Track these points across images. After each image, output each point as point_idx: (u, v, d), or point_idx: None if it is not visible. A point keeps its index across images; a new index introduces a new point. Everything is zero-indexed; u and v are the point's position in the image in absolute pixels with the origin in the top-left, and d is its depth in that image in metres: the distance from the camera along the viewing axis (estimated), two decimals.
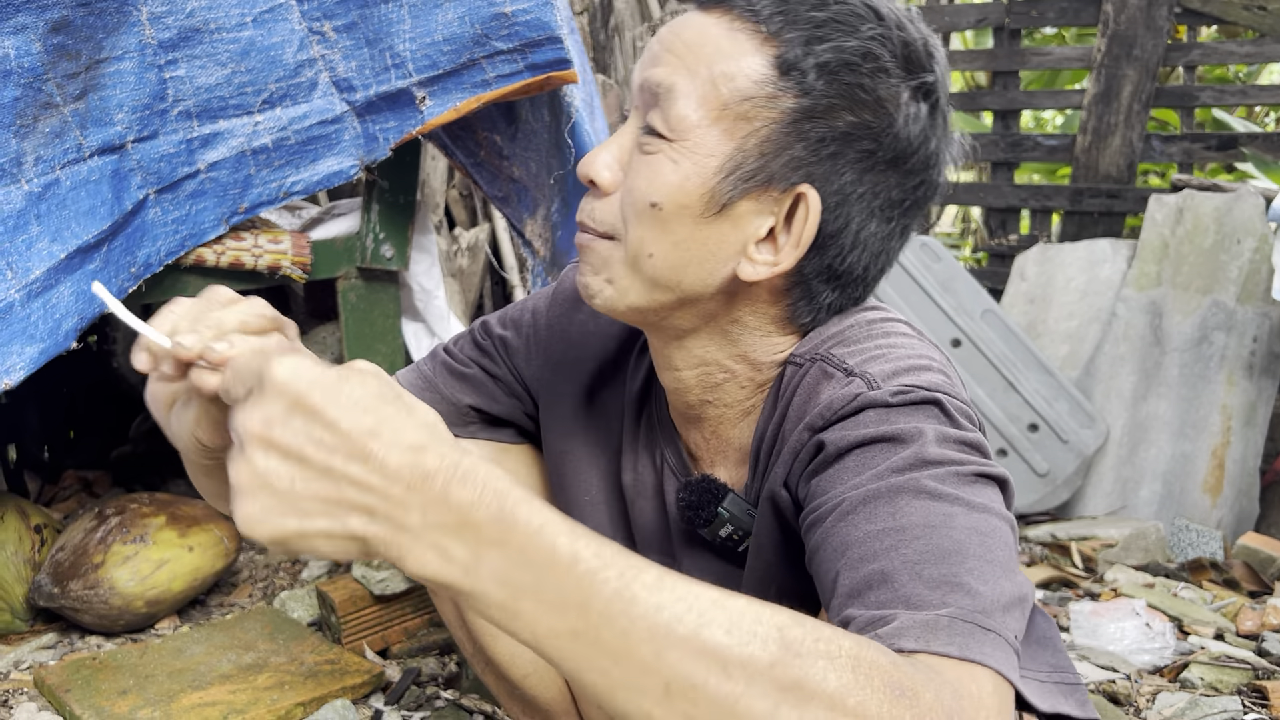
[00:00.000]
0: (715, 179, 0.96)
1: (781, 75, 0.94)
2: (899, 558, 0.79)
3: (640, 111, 1.01)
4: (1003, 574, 0.79)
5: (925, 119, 0.99)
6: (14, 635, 2.01)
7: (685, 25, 0.99)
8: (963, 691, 0.69)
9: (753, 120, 0.95)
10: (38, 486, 2.73)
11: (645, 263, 0.99)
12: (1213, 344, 3.07)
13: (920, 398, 0.91)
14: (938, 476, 0.84)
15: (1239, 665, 1.92)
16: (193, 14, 1.72)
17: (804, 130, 0.95)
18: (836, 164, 0.97)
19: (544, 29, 1.75)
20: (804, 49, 0.94)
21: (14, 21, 1.51)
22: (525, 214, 2.23)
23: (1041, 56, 4.00)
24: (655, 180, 0.97)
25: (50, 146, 1.61)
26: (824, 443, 0.92)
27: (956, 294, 3.23)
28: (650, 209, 0.97)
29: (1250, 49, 3.57)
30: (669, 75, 0.97)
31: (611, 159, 1.01)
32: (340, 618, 1.94)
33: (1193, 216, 3.18)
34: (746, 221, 0.98)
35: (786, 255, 0.98)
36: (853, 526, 0.83)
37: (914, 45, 0.97)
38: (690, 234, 0.97)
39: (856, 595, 0.79)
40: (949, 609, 0.74)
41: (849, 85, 0.95)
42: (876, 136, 0.96)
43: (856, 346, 0.99)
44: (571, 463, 1.30)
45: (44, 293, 1.58)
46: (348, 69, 1.85)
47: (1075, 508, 3.12)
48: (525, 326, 1.31)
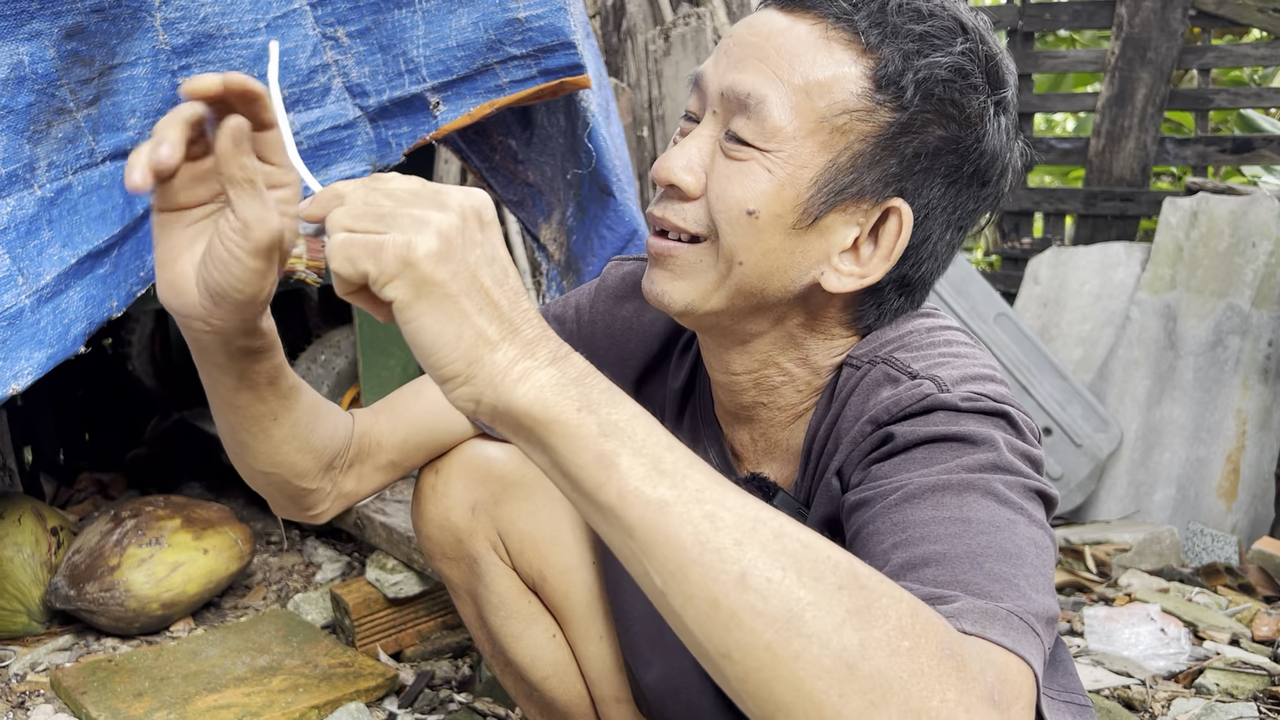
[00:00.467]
0: (809, 191, 0.95)
1: (879, 89, 0.94)
2: (963, 545, 0.80)
3: (721, 117, 0.98)
4: (1048, 589, 0.81)
5: (1005, 132, 1.00)
6: (30, 637, 2.03)
7: (771, 27, 0.97)
8: (1007, 677, 0.70)
9: (848, 134, 0.94)
10: (53, 489, 2.75)
11: (735, 270, 0.98)
12: (1227, 348, 3.05)
13: (989, 408, 0.92)
14: (1008, 484, 0.86)
15: (1255, 671, 1.91)
16: (206, 20, 1.73)
17: (899, 145, 0.95)
18: (928, 178, 0.97)
19: (558, 34, 1.76)
20: (902, 63, 0.93)
21: (28, 28, 1.52)
22: (540, 218, 2.24)
23: (1055, 59, 3.99)
24: (751, 188, 0.95)
25: (63, 152, 1.62)
26: (893, 434, 0.92)
27: (969, 297, 3.23)
28: (746, 216, 0.96)
29: (1265, 51, 3.56)
30: (760, 85, 0.94)
31: (691, 162, 0.99)
32: (354, 621, 1.95)
33: (1207, 220, 3.16)
34: (833, 232, 0.98)
35: (875, 267, 0.99)
36: (916, 509, 0.84)
37: (996, 60, 0.98)
38: (780, 244, 0.97)
39: (912, 569, 0.80)
40: (1007, 603, 0.75)
41: (943, 101, 0.95)
42: (965, 152, 0.97)
43: (920, 352, 1.00)
44: None
45: (54, 298, 1.59)
46: (361, 74, 1.86)
47: (1089, 512, 3.11)
48: (569, 322, 1.32)
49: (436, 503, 1.35)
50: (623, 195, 2.04)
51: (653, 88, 3.42)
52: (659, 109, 3.40)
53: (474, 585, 1.40)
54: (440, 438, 1.32)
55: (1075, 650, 2.10)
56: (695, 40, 3.32)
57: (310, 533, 2.53)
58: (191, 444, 2.94)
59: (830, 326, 1.05)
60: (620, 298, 1.29)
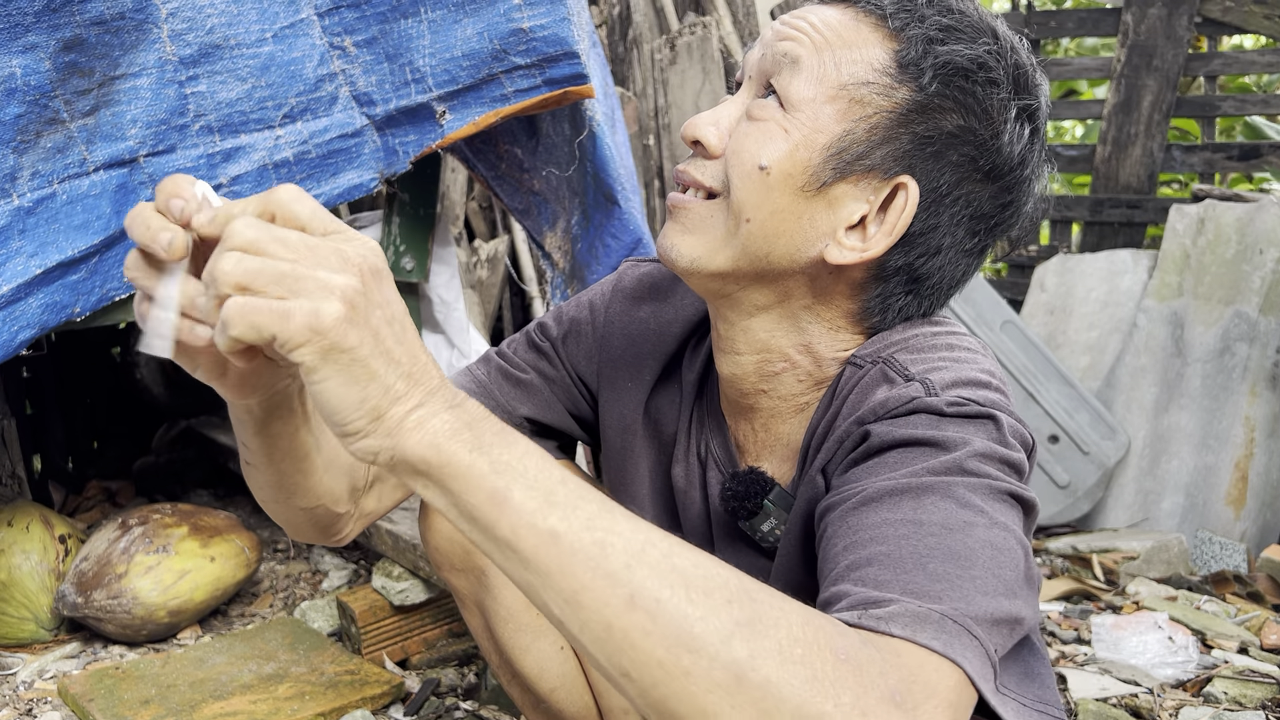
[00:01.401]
0: (821, 155, 0.99)
1: (900, 69, 0.98)
2: (909, 547, 0.81)
3: (755, 82, 1.04)
4: (1004, 591, 0.80)
5: (1026, 141, 1.02)
6: (38, 645, 2.03)
7: (810, 11, 1.03)
8: (919, 678, 0.71)
9: (866, 106, 0.98)
10: (62, 497, 2.76)
11: (742, 227, 1.01)
12: (1235, 355, 3.04)
13: (974, 412, 0.92)
14: (970, 486, 0.86)
15: (1263, 679, 1.90)
16: (213, 30, 1.74)
17: (913, 124, 0.98)
18: (938, 163, 0.99)
19: (561, 44, 1.76)
20: (924, 47, 0.97)
21: (23, 41, 1.53)
22: (545, 226, 2.25)
23: (1061, 67, 3.99)
24: (766, 145, 0.99)
25: (50, 161, 1.62)
26: (869, 433, 0.93)
27: (976, 305, 3.22)
28: (758, 171, 0.99)
29: (1272, 57, 3.55)
30: (795, 48, 1.00)
31: (719, 121, 1.04)
32: (360, 628, 1.95)
33: (1214, 227, 3.16)
34: (842, 204, 1.00)
35: (877, 242, 1.01)
36: (872, 512, 0.85)
37: (1024, 69, 1.01)
38: (789, 205, 1.00)
39: (856, 570, 0.81)
40: (943, 605, 0.76)
41: (961, 90, 0.98)
42: (979, 145, 0.99)
43: (920, 355, 1.01)
44: (631, 459, 1.31)
45: (8, 306, 1.59)
46: (368, 83, 1.87)
47: (1096, 519, 3.10)
48: (584, 323, 1.32)
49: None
50: (627, 204, 2.05)
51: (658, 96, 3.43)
52: (665, 117, 3.41)
53: (482, 597, 1.40)
54: None
55: (1082, 658, 2.09)
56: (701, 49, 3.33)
57: None
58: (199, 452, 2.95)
59: (834, 315, 1.06)
60: (637, 299, 1.30)
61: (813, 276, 1.04)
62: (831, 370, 1.08)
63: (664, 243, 1.07)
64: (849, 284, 1.04)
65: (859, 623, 0.74)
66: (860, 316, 1.06)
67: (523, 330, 1.37)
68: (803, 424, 1.11)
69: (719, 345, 1.14)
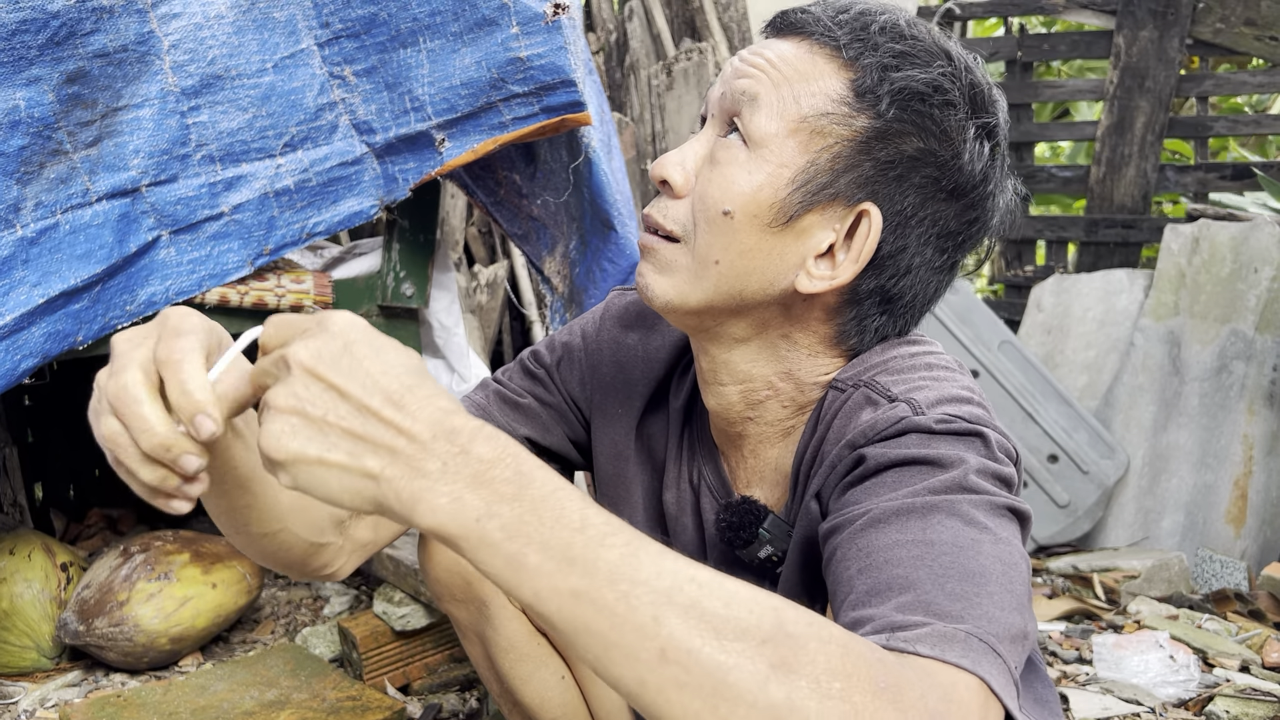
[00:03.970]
0: (787, 190, 1.00)
1: (857, 98, 0.99)
2: (925, 569, 0.81)
3: (719, 120, 1.05)
4: (1016, 606, 0.81)
5: (986, 158, 1.03)
6: (40, 673, 2.03)
7: (765, 46, 1.04)
8: (954, 696, 0.70)
9: (827, 136, 0.99)
10: (64, 524, 2.76)
11: (711, 269, 1.02)
12: (1232, 373, 3.05)
13: (963, 429, 0.93)
14: (973, 503, 0.86)
15: (1265, 698, 1.90)
16: (215, 61, 1.76)
17: (874, 150, 0.99)
18: (901, 186, 1.01)
19: (558, 73, 1.79)
20: (879, 75, 0.98)
21: (27, 74, 1.55)
22: (544, 251, 2.26)
23: (1054, 89, 4.02)
24: (730, 188, 1.00)
25: (54, 191, 1.64)
26: (864, 456, 0.94)
27: (974, 325, 3.24)
28: (722, 216, 1.01)
29: (1263, 79, 3.58)
30: (753, 85, 1.01)
31: (685, 161, 1.05)
32: (362, 654, 1.95)
33: (1209, 246, 3.18)
34: (809, 235, 1.01)
35: (845, 269, 1.02)
36: (881, 534, 0.85)
37: (980, 88, 1.02)
38: (757, 243, 1.01)
39: (876, 595, 0.80)
40: (967, 625, 0.76)
41: (919, 114, 0.99)
42: (941, 165, 1.01)
43: (901, 376, 1.02)
44: (621, 485, 1.32)
45: (11, 336, 1.60)
46: (368, 112, 1.89)
47: (1097, 539, 3.10)
48: (576, 350, 1.33)
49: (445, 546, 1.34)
50: (624, 229, 2.07)
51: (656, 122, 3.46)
52: (662, 142, 3.44)
53: (482, 627, 1.40)
54: None
55: (1084, 678, 2.09)
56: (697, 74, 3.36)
57: None
58: None
59: (812, 340, 1.07)
60: (626, 326, 1.31)
61: (787, 305, 1.05)
62: (814, 394, 1.09)
63: (640, 281, 1.08)
64: (823, 309, 1.05)
65: (888, 645, 0.74)
66: (838, 340, 1.07)
67: (516, 359, 1.38)
68: (790, 448, 1.12)
69: (703, 378, 1.15)
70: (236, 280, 1.89)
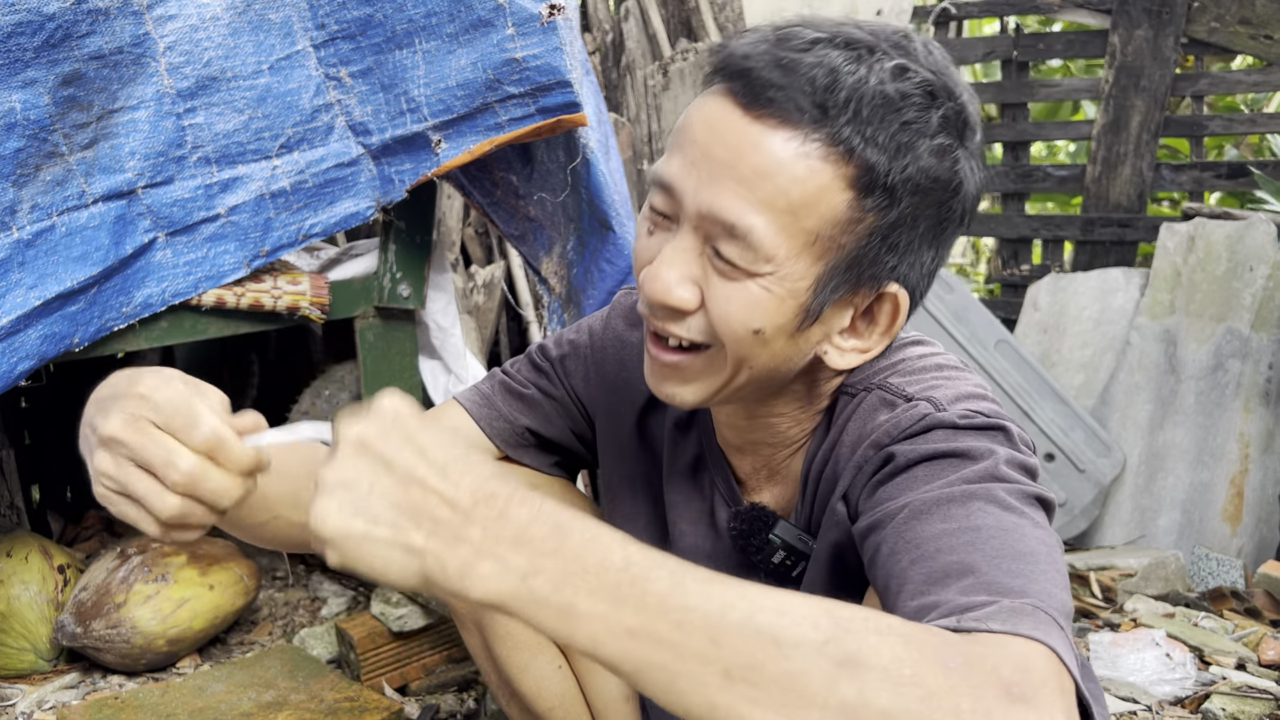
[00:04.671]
0: (807, 296, 0.96)
1: (865, 194, 0.92)
2: (978, 553, 0.81)
3: (702, 232, 0.95)
4: (1064, 586, 0.82)
5: (978, 170, 1.00)
6: (37, 675, 2.03)
7: (740, 140, 0.92)
8: (1029, 665, 0.70)
9: (841, 243, 0.94)
10: (60, 526, 2.76)
11: (744, 370, 1.00)
12: (1228, 371, 3.06)
13: (985, 423, 0.95)
14: (1009, 491, 0.88)
15: (1261, 696, 1.91)
16: (210, 63, 1.76)
17: (893, 240, 0.95)
18: (920, 252, 0.98)
19: (554, 74, 1.79)
20: (888, 164, 0.91)
21: (23, 76, 1.55)
22: (541, 252, 2.26)
23: (1050, 88, 4.02)
24: (754, 309, 0.95)
25: (50, 194, 1.64)
26: (894, 454, 0.95)
27: (970, 324, 3.24)
28: (752, 335, 0.96)
29: (1258, 77, 3.59)
30: (744, 212, 0.91)
31: (684, 279, 0.97)
32: (359, 655, 1.95)
33: (1205, 244, 3.18)
34: (831, 317, 1.00)
35: (877, 343, 1.02)
36: (926, 525, 0.86)
37: (965, 111, 0.96)
38: (785, 344, 0.99)
39: (935, 582, 0.80)
40: (1031, 599, 0.76)
41: (933, 185, 0.94)
42: (948, 210, 0.98)
43: (912, 377, 1.03)
44: (624, 485, 1.32)
45: (7, 338, 1.60)
46: (364, 113, 1.89)
47: (1093, 537, 3.11)
48: (582, 348, 1.34)
49: None
50: (621, 229, 2.07)
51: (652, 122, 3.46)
52: (658, 143, 3.44)
53: (480, 615, 1.40)
54: None
55: None
56: (693, 75, 3.36)
57: (315, 567, 2.53)
58: None
59: (830, 376, 1.08)
60: (631, 324, 1.32)
61: (810, 369, 1.06)
62: (824, 403, 1.10)
63: (663, 390, 1.05)
64: None
65: (959, 626, 0.74)
66: None
67: (524, 352, 1.39)
68: (799, 454, 1.14)
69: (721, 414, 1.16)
70: (233, 282, 1.89)
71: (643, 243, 1.02)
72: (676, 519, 1.27)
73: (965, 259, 6.53)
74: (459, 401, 1.35)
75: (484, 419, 1.33)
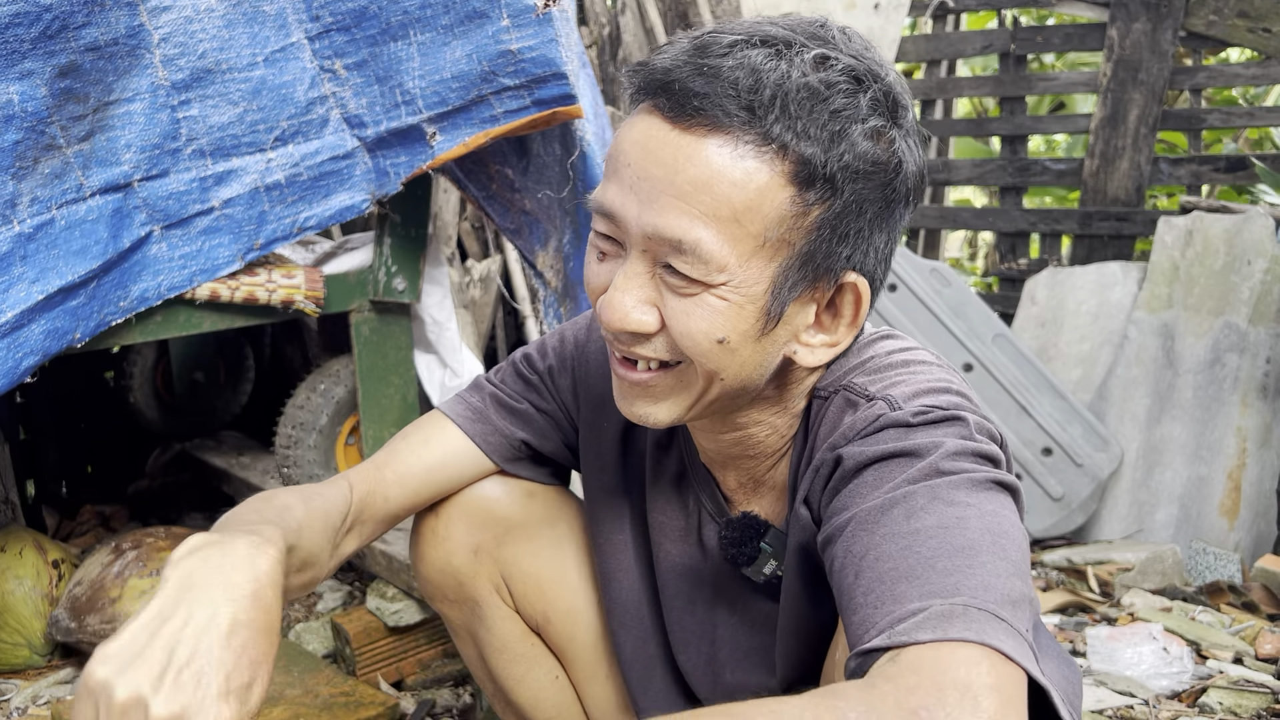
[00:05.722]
0: (765, 299, 0.95)
1: (806, 188, 0.91)
2: (914, 556, 0.81)
3: (651, 254, 0.95)
4: (1012, 573, 0.81)
5: (916, 148, 0.99)
6: (32, 670, 2.03)
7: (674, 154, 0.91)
8: (945, 682, 0.70)
9: (790, 240, 0.93)
10: (55, 522, 2.75)
11: (716, 383, 0.99)
12: (1226, 366, 3.06)
13: (940, 416, 0.93)
14: (952, 484, 0.87)
15: (1258, 689, 1.91)
16: (205, 55, 1.75)
17: (842, 229, 0.94)
18: (871, 238, 0.97)
19: (549, 65, 1.78)
20: (825, 155, 0.90)
21: (20, 67, 1.54)
22: (537, 246, 2.25)
23: (1048, 82, 4.02)
24: (714, 320, 0.94)
25: (48, 187, 1.63)
26: (842, 458, 0.94)
27: (967, 319, 3.24)
28: (718, 346, 0.95)
29: (1256, 71, 3.58)
30: (689, 227, 0.90)
31: (639, 303, 0.96)
32: (355, 650, 1.95)
33: (1202, 238, 3.18)
34: (794, 316, 0.99)
35: (844, 335, 1.01)
36: (869, 534, 0.86)
37: (893, 91, 0.95)
38: (753, 350, 0.98)
39: (872, 593, 0.81)
40: (963, 597, 0.77)
41: (873, 168, 0.93)
42: (891, 191, 0.96)
43: (878, 375, 1.02)
44: (606, 499, 1.31)
45: (12, 333, 1.59)
46: (359, 106, 1.88)
47: (1091, 532, 3.11)
48: (568, 359, 1.32)
49: (437, 546, 1.34)
50: None
51: None
52: None
53: (475, 627, 1.39)
54: (452, 485, 1.32)
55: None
56: None
57: None
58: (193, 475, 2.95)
59: (803, 377, 1.07)
60: None
61: (781, 371, 1.04)
62: (799, 406, 1.09)
63: (634, 411, 1.03)
64: None
65: (888, 643, 0.75)
66: None
67: (507, 360, 1.37)
68: (785, 464, 1.13)
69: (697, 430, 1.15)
70: (228, 275, 1.88)
71: (593, 269, 1.01)
72: (661, 539, 1.26)
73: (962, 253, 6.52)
74: (449, 416, 1.32)
75: (479, 435, 1.31)
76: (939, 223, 4.33)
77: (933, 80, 4.35)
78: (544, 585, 1.36)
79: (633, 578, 1.31)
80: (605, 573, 1.33)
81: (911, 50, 4.26)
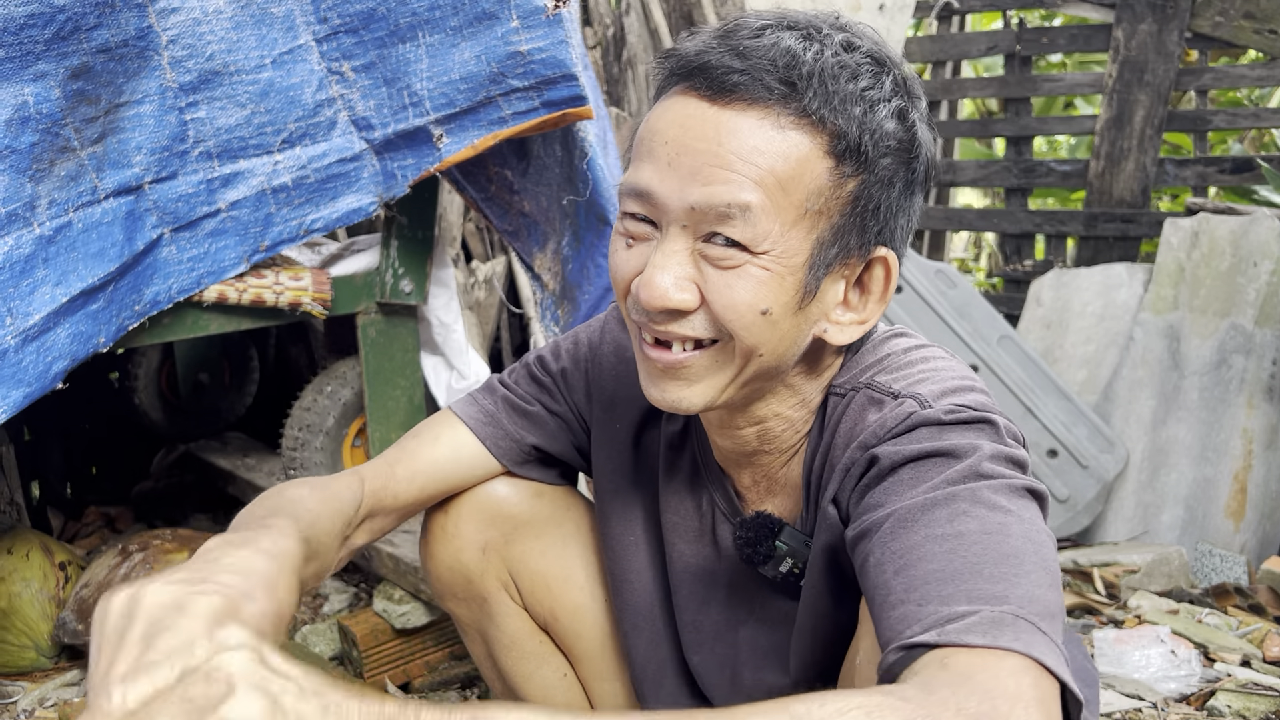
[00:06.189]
0: (805, 271, 0.97)
1: (841, 161, 0.95)
2: (960, 559, 0.81)
3: (692, 229, 0.96)
4: (1051, 584, 0.82)
5: (932, 130, 1.03)
6: (39, 672, 2.03)
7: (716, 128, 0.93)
8: (996, 691, 0.71)
9: (827, 211, 0.96)
10: (61, 523, 2.75)
11: (754, 360, 1.00)
12: (1231, 367, 3.05)
13: (971, 417, 0.94)
14: (993, 488, 0.87)
15: (1266, 692, 1.90)
16: (213, 57, 1.75)
17: (874, 204, 0.98)
18: (897, 215, 1.00)
19: (559, 67, 1.78)
20: (858, 130, 0.94)
21: (34, 69, 1.54)
22: (535, 248, 2.25)
23: (1053, 83, 4.01)
24: (759, 291, 0.95)
25: (65, 189, 1.63)
26: (877, 457, 0.94)
27: (973, 320, 3.23)
28: (761, 317, 0.96)
29: (1262, 72, 3.58)
30: (738, 193, 0.92)
31: (680, 280, 0.97)
32: (362, 652, 1.95)
33: (1208, 240, 3.17)
34: (826, 292, 1.00)
35: (873, 311, 1.03)
36: (911, 533, 0.86)
37: (907, 77, 1.00)
38: (791, 323, 0.99)
39: (916, 591, 0.81)
40: (1011, 606, 0.77)
41: (899, 146, 0.97)
42: (914, 169, 1.00)
43: (899, 373, 1.03)
44: (618, 501, 1.31)
45: (40, 336, 1.59)
46: (366, 108, 1.88)
47: (1097, 533, 3.10)
48: (582, 360, 1.32)
49: (446, 544, 1.35)
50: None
51: None
52: None
53: (484, 625, 1.40)
54: (461, 483, 1.33)
55: None
56: None
57: None
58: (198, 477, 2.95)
59: (824, 362, 1.08)
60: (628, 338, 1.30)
61: (809, 353, 1.05)
62: (816, 400, 1.10)
63: (666, 397, 1.03)
64: None
65: (938, 640, 0.75)
66: (840, 347, 1.08)
67: (520, 362, 1.37)
68: (799, 462, 1.13)
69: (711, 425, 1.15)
70: (235, 277, 1.88)
71: (621, 257, 1.01)
72: (674, 540, 1.26)
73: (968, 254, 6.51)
74: (459, 416, 1.33)
75: (489, 438, 1.31)
76: (944, 224, 4.32)
77: (938, 81, 4.34)
78: (551, 583, 1.37)
79: (645, 579, 1.31)
80: (617, 575, 1.33)
81: (916, 51, 4.25)
